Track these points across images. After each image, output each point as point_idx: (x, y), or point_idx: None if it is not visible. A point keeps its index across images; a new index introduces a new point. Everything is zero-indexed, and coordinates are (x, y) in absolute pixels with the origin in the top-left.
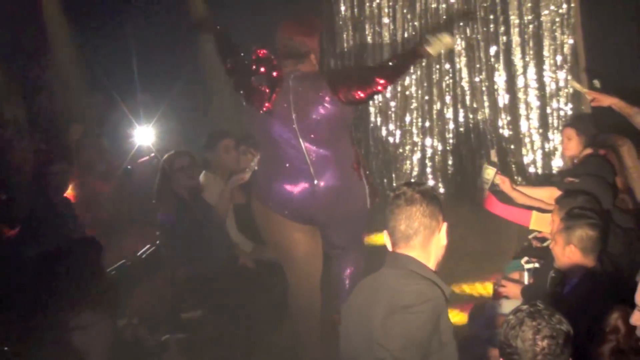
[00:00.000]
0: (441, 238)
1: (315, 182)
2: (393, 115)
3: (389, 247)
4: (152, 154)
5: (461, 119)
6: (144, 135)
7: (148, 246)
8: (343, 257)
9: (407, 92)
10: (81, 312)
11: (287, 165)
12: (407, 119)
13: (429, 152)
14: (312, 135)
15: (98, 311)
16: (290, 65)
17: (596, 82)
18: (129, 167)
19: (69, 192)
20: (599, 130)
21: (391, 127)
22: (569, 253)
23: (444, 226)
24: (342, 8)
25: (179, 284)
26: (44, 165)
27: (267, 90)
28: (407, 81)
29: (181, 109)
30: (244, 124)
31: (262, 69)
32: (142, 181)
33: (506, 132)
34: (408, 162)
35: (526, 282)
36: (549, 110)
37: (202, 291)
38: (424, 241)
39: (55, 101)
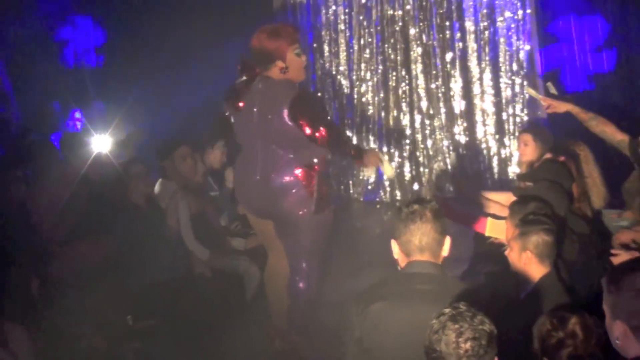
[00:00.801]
0: (445, 249)
1: (258, 177)
2: (350, 121)
3: (398, 256)
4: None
5: (417, 125)
6: (102, 143)
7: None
8: (290, 279)
9: (364, 99)
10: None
11: (247, 161)
12: (364, 125)
13: (385, 158)
14: (269, 136)
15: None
16: (260, 70)
17: (550, 86)
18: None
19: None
20: (555, 136)
21: (348, 133)
22: (525, 259)
23: (448, 239)
24: (298, 16)
25: (134, 292)
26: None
27: (240, 90)
28: (363, 88)
29: (138, 115)
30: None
31: (241, 71)
32: (100, 188)
33: (462, 139)
34: (364, 168)
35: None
36: (505, 117)
37: (157, 299)
38: (434, 252)
39: (9, 107)
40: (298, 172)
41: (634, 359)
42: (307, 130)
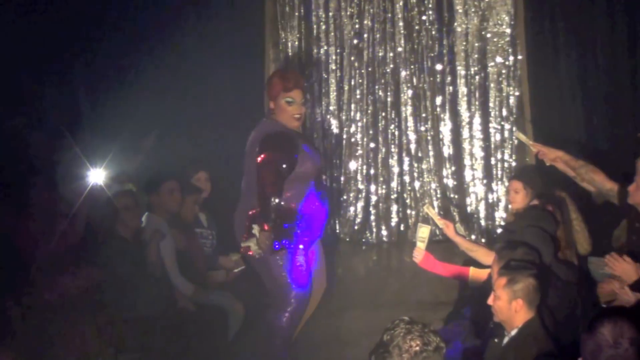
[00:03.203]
0: None
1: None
2: (338, 161)
3: None
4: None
5: (406, 167)
6: (97, 176)
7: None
8: (272, 315)
9: (353, 140)
10: None
11: None
12: (352, 166)
13: (373, 199)
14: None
15: None
16: None
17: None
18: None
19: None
20: (544, 182)
21: (335, 173)
22: (515, 307)
23: None
24: (290, 53)
25: (118, 324)
26: None
27: None
28: (352, 128)
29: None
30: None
31: None
32: (91, 220)
33: (450, 182)
34: (352, 208)
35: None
36: (493, 161)
37: (141, 333)
38: None
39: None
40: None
41: None
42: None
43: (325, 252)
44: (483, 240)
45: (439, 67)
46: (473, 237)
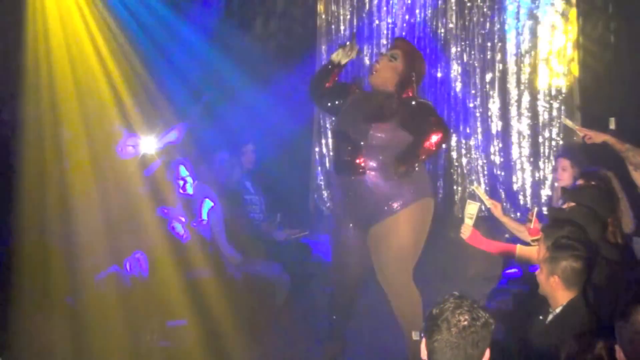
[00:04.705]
0: None
1: None
2: None
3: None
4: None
5: (453, 143)
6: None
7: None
8: None
9: None
10: None
11: None
12: None
13: None
14: None
15: None
16: None
17: (612, 121)
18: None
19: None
20: (590, 161)
21: None
22: (553, 283)
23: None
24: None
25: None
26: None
27: None
28: None
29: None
30: None
31: None
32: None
33: (497, 159)
34: None
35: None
36: (540, 140)
37: (190, 298)
38: None
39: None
40: None
41: None
42: None
43: None
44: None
45: (489, 44)
46: (518, 215)
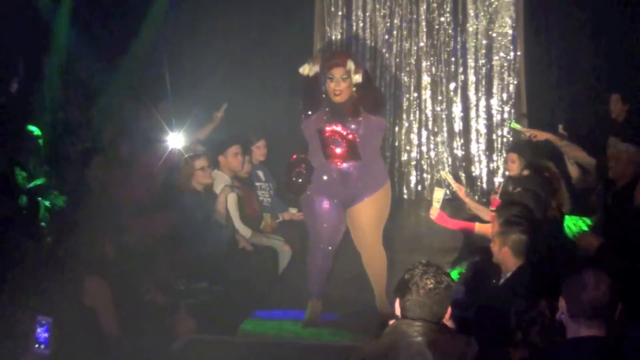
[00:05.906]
0: None
1: None
2: None
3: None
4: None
5: (424, 139)
6: (175, 140)
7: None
8: None
9: None
10: None
11: None
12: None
13: (396, 164)
14: None
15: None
16: None
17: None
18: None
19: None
20: (535, 154)
21: None
22: (504, 253)
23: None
24: (333, 46)
25: (192, 260)
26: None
27: None
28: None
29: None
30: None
31: None
32: (170, 177)
33: (459, 153)
34: None
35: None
36: (494, 137)
37: (208, 267)
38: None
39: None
40: None
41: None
42: None
43: None
44: (484, 200)
45: (453, 59)
46: (476, 197)
